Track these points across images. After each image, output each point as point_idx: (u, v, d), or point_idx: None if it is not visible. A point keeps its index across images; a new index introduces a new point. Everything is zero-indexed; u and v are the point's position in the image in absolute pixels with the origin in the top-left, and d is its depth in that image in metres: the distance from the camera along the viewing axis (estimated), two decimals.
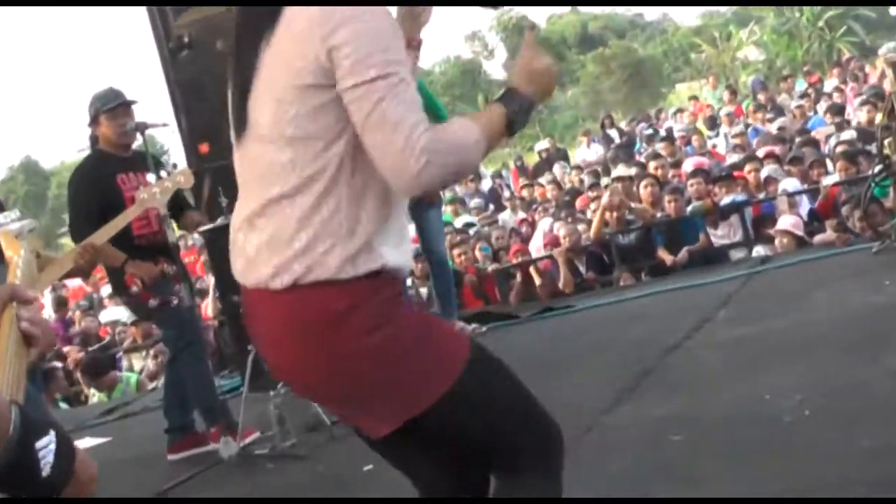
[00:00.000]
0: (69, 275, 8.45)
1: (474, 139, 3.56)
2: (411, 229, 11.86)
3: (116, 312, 20.05)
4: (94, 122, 9.13)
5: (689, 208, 15.05)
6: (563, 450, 3.91)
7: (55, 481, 2.01)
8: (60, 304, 22.89)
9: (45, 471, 1.98)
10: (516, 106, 3.74)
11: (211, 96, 9.95)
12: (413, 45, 4.03)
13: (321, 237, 3.54)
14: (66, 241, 26.27)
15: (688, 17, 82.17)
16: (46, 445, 2.00)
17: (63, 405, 17.32)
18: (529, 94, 3.78)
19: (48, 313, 22.43)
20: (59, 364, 18.68)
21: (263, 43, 3.58)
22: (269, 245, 3.62)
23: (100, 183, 8.70)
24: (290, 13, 3.52)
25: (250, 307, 3.77)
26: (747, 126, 23.88)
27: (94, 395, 17.54)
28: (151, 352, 16.97)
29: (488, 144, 3.63)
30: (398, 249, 3.70)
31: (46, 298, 22.27)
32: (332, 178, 3.51)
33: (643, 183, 16.21)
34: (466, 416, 3.75)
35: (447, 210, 21.62)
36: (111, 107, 8.88)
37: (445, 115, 12.18)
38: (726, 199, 14.99)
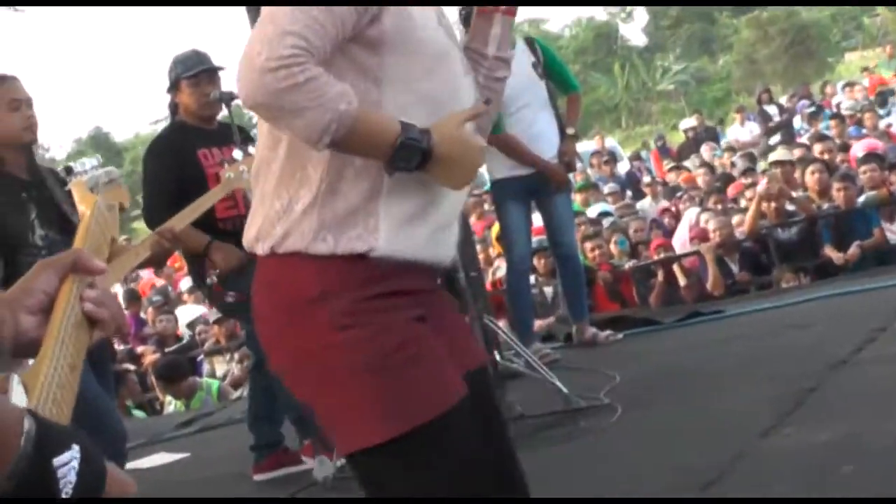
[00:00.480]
0: (144, 264, 8.37)
1: (347, 113, 3.33)
2: (536, 219, 11.83)
3: (196, 310, 20.21)
4: (173, 88, 9.08)
5: (862, 199, 14.85)
6: None
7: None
8: (133, 298, 22.99)
9: (66, 491, 1.89)
10: (416, 139, 3.43)
11: None
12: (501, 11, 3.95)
13: (301, 194, 3.51)
14: (140, 226, 26.51)
15: None
16: (68, 462, 1.90)
17: (137, 413, 17.52)
18: (435, 149, 3.46)
19: None
20: (132, 367, 18.89)
21: None
22: (257, 206, 3.66)
23: (179, 158, 8.63)
24: None
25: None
26: None
27: (171, 404, 17.69)
28: (237, 355, 17.05)
29: (348, 141, 3.38)
30: (407, 233, 3.57)
31: (117, 292, 22.35)
32: None
33: (809, 169, 15.95)
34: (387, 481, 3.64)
35: (577, 198, 21.36)
36: (194, 73, 8.84)
37: (577, 85, 12.15)
38: None
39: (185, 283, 21.44)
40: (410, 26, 3.54)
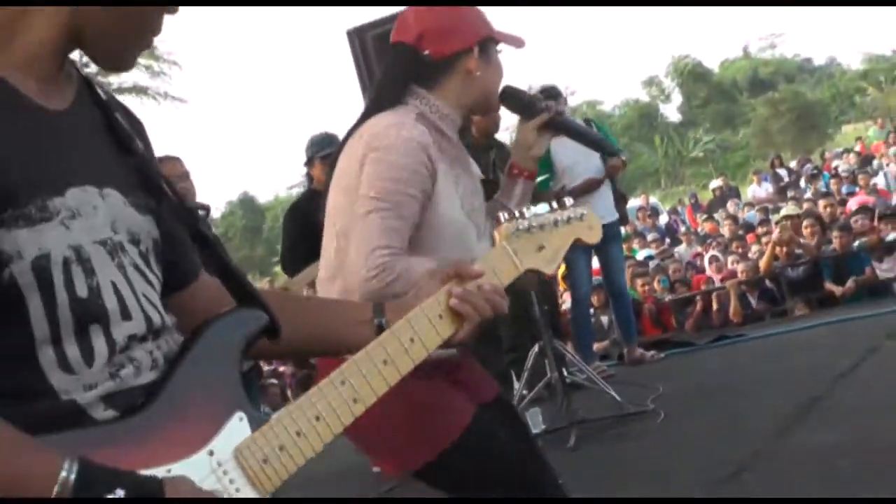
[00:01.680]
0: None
1: (404, 277, 3.53)
2: (595, 262, 11.92)
3: None
4: (309, 163, 9.31)
5: (856, 244, 14.83)
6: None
7: None
8: None
9: None
10: None
11: None
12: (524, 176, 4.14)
13: None
14: (279, 270, 26.76)
15: (854, 60, 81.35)
16: (117, 496, 1.84)
17: None
18: None
19: None
20: (275, 381, 18.95)
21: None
22: None
23: (311, 220, 8.69)
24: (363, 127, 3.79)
25: None
26: None
27: None
28: None
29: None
30: None
31: None
32: None
33: (804, 223, 15.96)
34: (452, 482, 3.76)
35: (626, 246, 21.86)
36: (325, 154, 8.88)
37: (616, 144, 12.33)
38: (891, 235, 14.70)
39: None
40: (440, 213, 3.71)
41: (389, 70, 3.95)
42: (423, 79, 3.83)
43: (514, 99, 4.17)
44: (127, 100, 44.42)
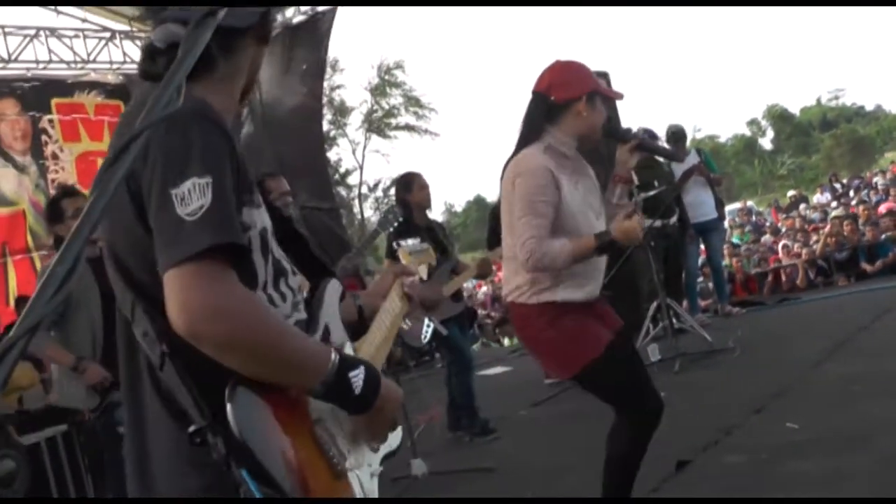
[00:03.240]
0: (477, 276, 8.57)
1: (566, 253, 3.72)
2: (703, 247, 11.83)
3: None
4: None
5: (883, 236, 14.38)
6: (654, 417, 3.92)
7: (365, 397, 1.90)
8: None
9: (356, 388, 1.88)
10: (605, 242, 3.77)
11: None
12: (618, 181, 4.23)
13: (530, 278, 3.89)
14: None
15: (894, 107, 78.94)
16: (357, 374, 1.88)
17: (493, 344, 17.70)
18: (616, 240, 3.78)
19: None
20: (488, 321, 19.20)
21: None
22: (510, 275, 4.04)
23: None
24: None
25: None
26: None
27: (506, 341, 17.90)
28: None
29: (575, 256, 3.75)
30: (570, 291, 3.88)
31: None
32: None
33: (845, 222, 15.62)
34: (598, 384, 3.90)
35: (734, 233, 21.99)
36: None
37: (716, 170, 12.10)
38: None
39: None
40: (567, 206, 3.83)
41: (530, 111, 3.98)
42: (550, 117, 3.90)
43: (613, 130, 4.26)
44: (400, 134, 45.22)
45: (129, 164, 1.34)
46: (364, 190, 49.01)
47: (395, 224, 7.06)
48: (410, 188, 7.62)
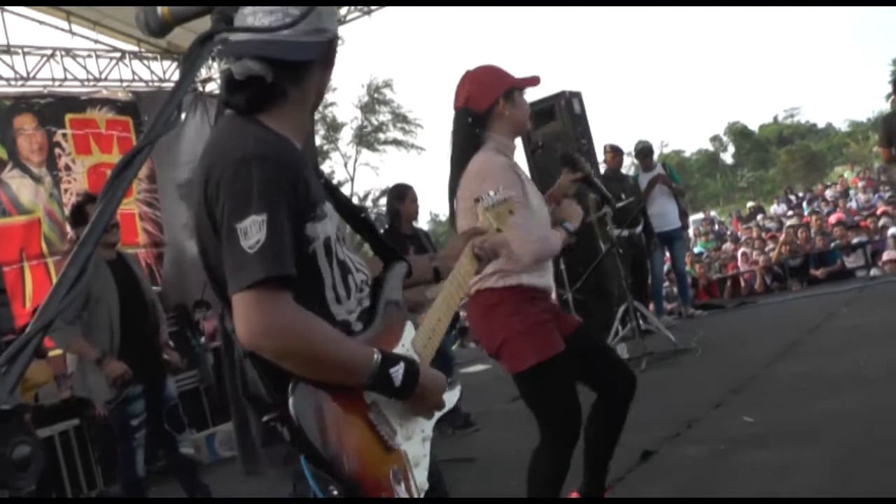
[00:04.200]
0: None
1: (557, 239, 3.64)
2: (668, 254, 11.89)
3: None
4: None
5: (832, 244, 14.50)
6: (572, 435, 3.67)
7: (404, 388, 2.09)
8: None
9: (397, 381, 2.07)
10: (570, 232, 3.72)
11: (554, 179, 9.96)
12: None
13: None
14: None
15: (843, 125, 79.37)
16: (397, 369, 2.07)
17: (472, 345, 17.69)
18: (574, 228, 3.76)
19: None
20: (466, 323, 19.10)
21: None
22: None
23: None
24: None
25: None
26: (874, 193, 22.95)
27: None
28: None
29: (560, 244, 3.65)
30: (534, 277, 3.67)
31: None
32: None
33: (799, 231, 15.81)
34: (536, 391, 3.64)
35: (698, 241, 22.12)
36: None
37: (679, 181, 12.14)
38: (856, 239, 14.38)
39: None
40: (527, 191, 3.65)
41: (460, 128, 3.75)
42: (481, 127, 3.69)
43: (569, 157, 4.26)
44: (389, 148, 45.04)
45: (135, 172, 1.39)
46: (354, 200, 49.00)
47: (382, 231, 7.10)
48: (403, 199, 7.65)
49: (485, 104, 3.69)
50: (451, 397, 2.36)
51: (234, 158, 1.98)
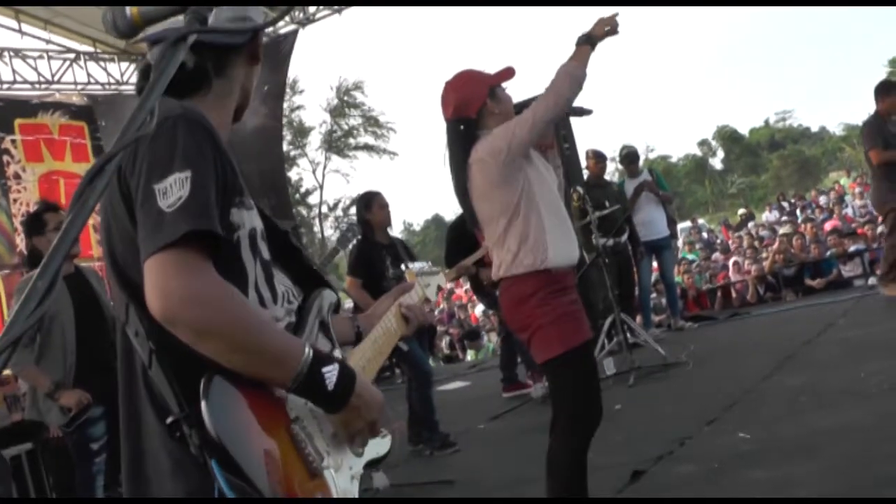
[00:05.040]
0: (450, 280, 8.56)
1: (569, 67, 3.91)
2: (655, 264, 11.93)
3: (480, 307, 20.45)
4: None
5: (828, 253, 14.61)
6: (593, 422, 3.92)
7: (337, 394, 1.92)
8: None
9: (330, 384, 1.90)
10: (587, 38, 3.98)
11: None
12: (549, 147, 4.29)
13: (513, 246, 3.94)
14: None
15: (837, 129, 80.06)
16: (331, 371, 1.90)
17: (441, 363, 17.72)
18: (594, 34, 3.99)
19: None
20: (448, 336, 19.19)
21: None
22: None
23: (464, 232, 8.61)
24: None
25: None
26: None
27: (469, 355, 17.91)
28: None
29: (581, 62, 3.92)
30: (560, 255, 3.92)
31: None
32: None
33: (794, 239, 15.87)
34: (569, 373, 3.90)
35: (686, 250, 22.23)
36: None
37: (668, 188, 12.19)
38: (853, 248, 14.48)
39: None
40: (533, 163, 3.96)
41: (456, 137, 4.05)
42: (475, 128, 3.99)
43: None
44: (360, 154, 44.97)
45: (107, 181, 1.38)
46: (324, 209, 48.89)
47: (355, 241, 7.09)
48: (371, 207, 7.66)
49: (474, 109, 3.99)
50: (384, 444, 2.26)
51: (156, 122, 1.81)
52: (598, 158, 11.21)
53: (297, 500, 1.83)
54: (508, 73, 4.09)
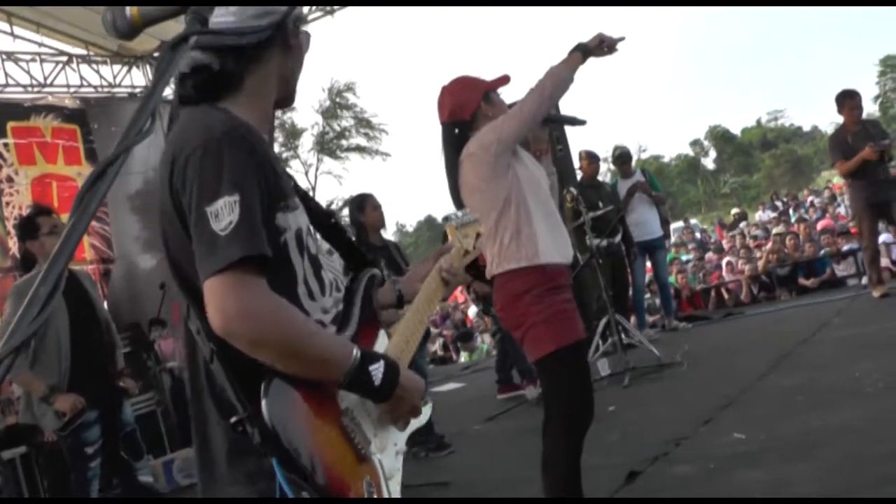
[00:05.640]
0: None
1: (557, 69, 4.02)
2: (649, 264, 11.93)
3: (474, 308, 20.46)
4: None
5: (821, 252, 14.61)
6: (586, 419, 3.98)
7: (384, 388, 2.09)
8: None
9: (377, 379, 2.06)
10: (583, 48, 4.04)
11: None
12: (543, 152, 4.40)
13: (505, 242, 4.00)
14: None
15: (830, 127, 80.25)
16: (377, 367, 2.07)
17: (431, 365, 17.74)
18: (591, 46, 4.07)
19: None
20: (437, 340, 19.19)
21: None
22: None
23: None
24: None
25: None
26: None
27: (463, 357, 17.89)
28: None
29: (570, 66, 4.02)
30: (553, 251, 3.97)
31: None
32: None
33: (787, 238, 15.90)
34: (556, 376, 3.96)
35: (680, 251, 22.27)
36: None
37: (660, 188, 12.18)
38: (846, 247, 14.46)
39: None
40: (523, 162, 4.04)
41: (451, 140, 4.16)
42: (469, 130, 4.08)
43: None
44: (352, 155, 44.83)
45: (108, 185, 1.37)
46: None
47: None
48: (363, 209, 7.65)
49: (468, 112, 4.09)
50: (425, 410, 2.38)
51: (200, 142, 1.98)
52: (591, 159, 11.22)
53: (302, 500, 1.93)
54: (504, 80, 4.20)
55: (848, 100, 9.95)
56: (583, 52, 4.04)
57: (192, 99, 2.14)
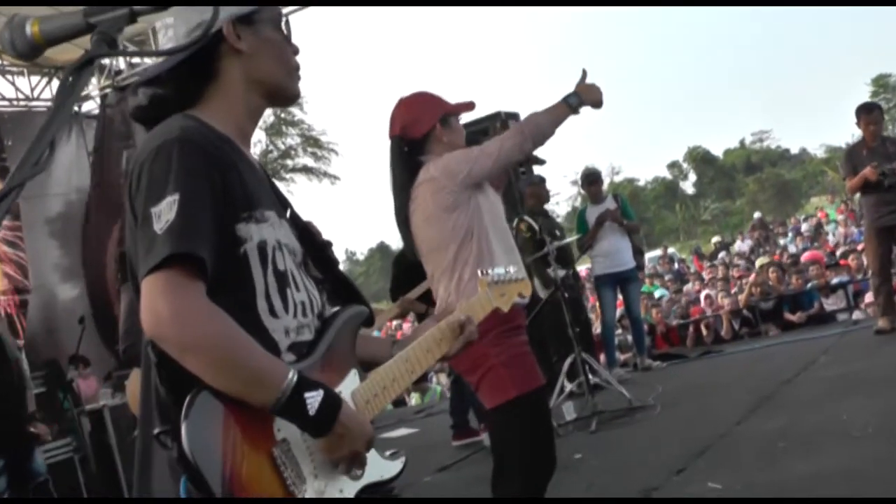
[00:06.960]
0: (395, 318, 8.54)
1: (543, 115, 4.13)
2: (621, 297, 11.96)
3: None
4: None
5: (808, 285, 14.71)
6: (547, 469, 4.00)
7: (318, 420, 2.09)
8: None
9: (311, 411, 2.07)
10: (572, 100, 4.17)
11: None
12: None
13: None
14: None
15: (819, 151, 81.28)
16: (314, 396, 2.08)
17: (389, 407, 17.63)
18: (582, 97, 4.19)
19: None
20: None
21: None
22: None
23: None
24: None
25: None
26: (856, 227, 23.41)
27: (413, 399, 17.82)
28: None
29: (555, 119, 4.13)
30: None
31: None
32: None
33: (770, 269, 16.05)
34: (508, 427, 4.01)
35: (648, 282, 22.27)
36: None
37: (633, 217, 12.20)
38: (835, 279, 14.62)
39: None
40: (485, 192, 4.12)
41: (398, 155, 4.24)
42: (419, 152, 4.19)
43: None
44: (298, 177, 44.66)
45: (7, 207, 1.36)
46: None
47: None
48: None
49: (421, 130, 4.17)
50: (392, 467, 2.42)
51: (155, 146, 2.08)
52: (538, 186, 11.00)
53: (294, 500, 2.05)
54: (468, 106, 4.29)
55: (864, 114, 9.87)
56: (573, 107, 4.18)
57: (153, 119, 2.28)
